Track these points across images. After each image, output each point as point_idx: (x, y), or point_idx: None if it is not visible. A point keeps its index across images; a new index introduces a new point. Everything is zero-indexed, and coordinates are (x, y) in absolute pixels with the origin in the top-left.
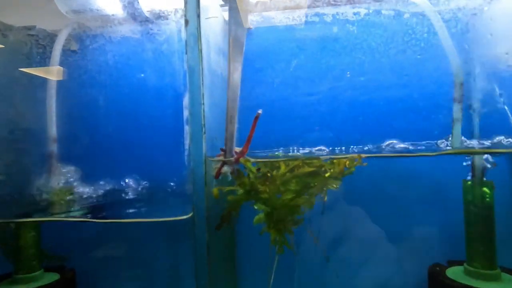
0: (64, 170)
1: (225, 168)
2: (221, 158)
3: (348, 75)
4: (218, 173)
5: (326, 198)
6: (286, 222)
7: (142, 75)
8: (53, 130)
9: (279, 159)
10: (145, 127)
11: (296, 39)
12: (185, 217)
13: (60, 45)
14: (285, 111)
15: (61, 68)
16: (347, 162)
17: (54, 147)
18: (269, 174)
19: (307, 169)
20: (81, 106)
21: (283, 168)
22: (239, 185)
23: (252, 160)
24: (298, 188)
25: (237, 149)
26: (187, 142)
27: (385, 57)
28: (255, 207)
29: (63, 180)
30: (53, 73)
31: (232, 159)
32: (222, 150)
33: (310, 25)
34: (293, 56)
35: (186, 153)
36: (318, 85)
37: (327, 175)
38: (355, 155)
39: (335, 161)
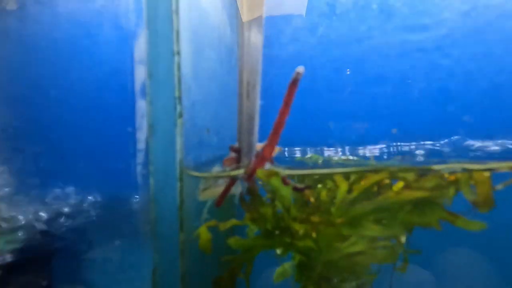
0: None
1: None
2: (230, 165)
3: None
4: (222, 198)
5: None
6: (338, 285)
7: None
8: None
9: (334, 170)
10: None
11: None
12: None
13: None
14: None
15: None
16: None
17: None
18: (312, 199)
19: (413, 193)
20: None
21: (343, 188)
22: (253, 219)
23: (285, 171)
24: (377, 230)
25: (259, 146)
26: (141, 136)
27: None
28: (278, 252)
29: None
30: None
31: (248, 169)
32: (233, 149)
33: None
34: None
35: (138, 159)
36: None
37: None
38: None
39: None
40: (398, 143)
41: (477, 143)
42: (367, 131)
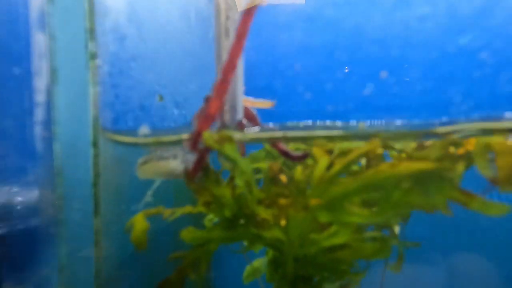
0: None
1: (174, 163)
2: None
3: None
4: (194, 173)
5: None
6: (318, 285)
7: None
8: None
9: (313, 133)
10: None
11: None
12: None
13: None
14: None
15: None
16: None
17: None
18: (283, 178)
19: (413, 165)
20: None
21: (323, 162)
22: (205, 204)
23: (242, 135)
24: (364, 216)
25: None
26: (40, 84)
27: None
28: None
29: None
30: None
31: (190, 134)
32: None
33: None
34: None
35: (36, 117)
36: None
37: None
38: None
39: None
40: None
41: None
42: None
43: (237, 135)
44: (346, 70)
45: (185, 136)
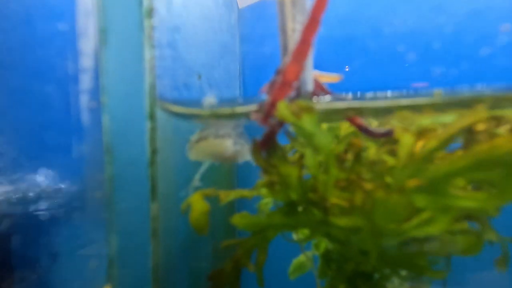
0: None
1: (228, 142)
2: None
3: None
4: (265, 144)
5: None
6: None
7: None
8: None
9: (398, 102)
10: None
11: None
12: None
13: None
14: None
15: None
16: None
17: None
18: (349, 156)
19: None
20: None
21: (407, 140)
22: (271, 185)
23: (322, 105)
24: (479, 198)
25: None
26: (87, 46)
27: None
28: (299, 236)
29: None
30: None
31: (263, 104)
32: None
33: None
34: None
35: (82, 84)
36: None
37: None
38: None
39: None
40: None
41: None
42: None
43: (317, 105)
44: (347, 69)
45: (252, 107)
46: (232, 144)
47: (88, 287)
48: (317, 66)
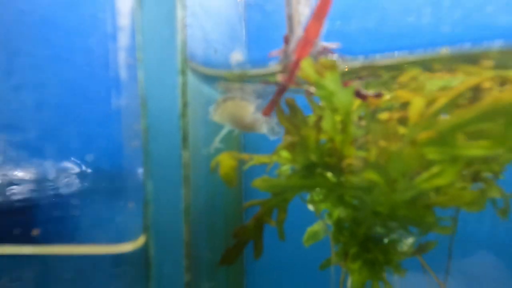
0: None
1: (251, 108)
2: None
3: None
4: (271, 108)
5: None
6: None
7: None
8: None
9: (410, 57)
10: None
11: None
12: (122, 249)
13: None
14: None
15: None
16: None
17: None
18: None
19: None
20: None
21: (417, 102)
22: (291, 147)
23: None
24: (485, 146)
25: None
26: (124, 6)
27: None
28: (310, 203)
29: None
30: None
31: (287, 62)
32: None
33: None
34: None
35: (120, 42)
36: None
37: None
38: None
39: None
40: None
41: None
42: None
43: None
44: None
45: (277, 68)
46: (253, 111)
47: (125, 230)
48: None
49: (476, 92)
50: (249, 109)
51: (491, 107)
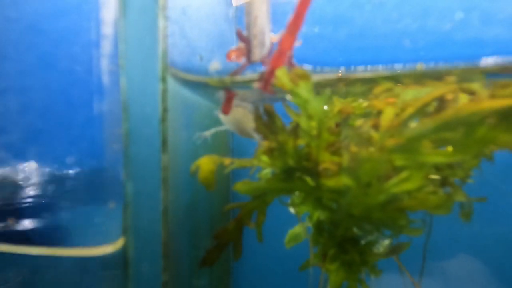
0: None
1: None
2: (238, 58)
3: None
4: (227, 109)
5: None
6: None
7: None
8: None
9: (378, 73)
10: None
11: None
12: (102, 251)
13: None
14: None
15: None
16: None
17: None
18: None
19: (500, 102)
20: None
21: (389, 112)
22: (270, 151)
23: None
24: (445, 154)
25: (275, 38)
26: (107, 15)
27: None
28: (291, 206)
29: None
30: None
31: (263, 73)
32: (241, 37)
33: None
34: None
35: (103, 49)
36: None
37: None
38: None
39: None
40: None
41: None
42: None
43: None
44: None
45: (256, 76)
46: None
47: (106, 232)
48: None
49: (441, 103)
50: (250, 117)
51: (452, 118)
